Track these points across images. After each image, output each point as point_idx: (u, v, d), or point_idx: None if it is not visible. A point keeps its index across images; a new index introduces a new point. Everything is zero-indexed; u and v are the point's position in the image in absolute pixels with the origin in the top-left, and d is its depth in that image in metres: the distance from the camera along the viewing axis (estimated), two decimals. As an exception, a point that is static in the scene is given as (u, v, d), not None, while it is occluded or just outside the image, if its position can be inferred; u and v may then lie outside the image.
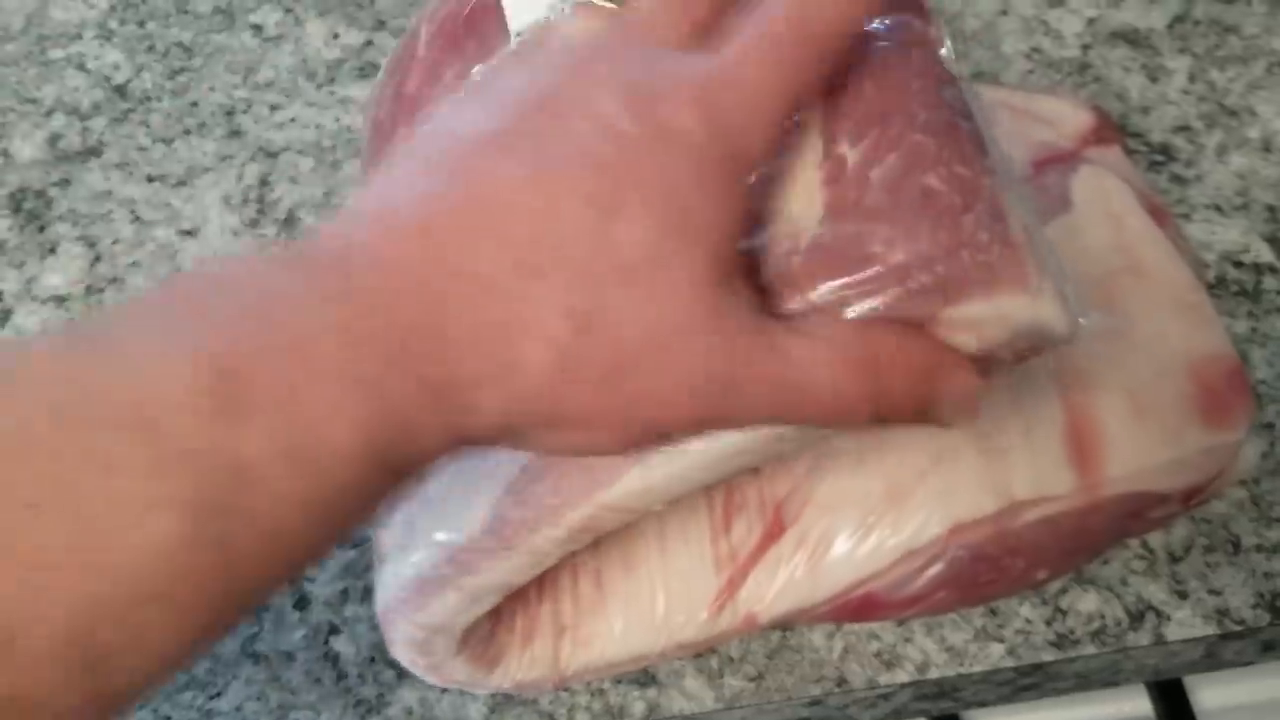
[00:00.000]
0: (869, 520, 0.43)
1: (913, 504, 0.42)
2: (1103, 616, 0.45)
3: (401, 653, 0.40)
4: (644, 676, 0.45)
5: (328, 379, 0.25)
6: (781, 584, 0.43)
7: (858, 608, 0.43)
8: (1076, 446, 0.43)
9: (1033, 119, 0.52)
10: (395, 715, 0.44)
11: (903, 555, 0.42)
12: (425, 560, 0.37)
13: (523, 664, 0.42)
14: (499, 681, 0.42)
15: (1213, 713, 0.54)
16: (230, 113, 0.61)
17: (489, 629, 0.41)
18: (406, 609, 0.38)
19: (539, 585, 0.43)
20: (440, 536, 0.36)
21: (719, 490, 0.44)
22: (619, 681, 0.45)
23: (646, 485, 0.33)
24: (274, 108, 0.61)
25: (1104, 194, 0.48)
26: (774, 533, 0.43)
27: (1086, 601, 0.45)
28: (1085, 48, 0.59)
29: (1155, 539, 0.46)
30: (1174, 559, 0.46)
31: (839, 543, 0.42)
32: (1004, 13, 0.61)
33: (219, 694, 0.45)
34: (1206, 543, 0.46)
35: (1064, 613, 0.45)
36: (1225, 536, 0.46)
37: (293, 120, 0.60)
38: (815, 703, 0.45)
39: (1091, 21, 0.60)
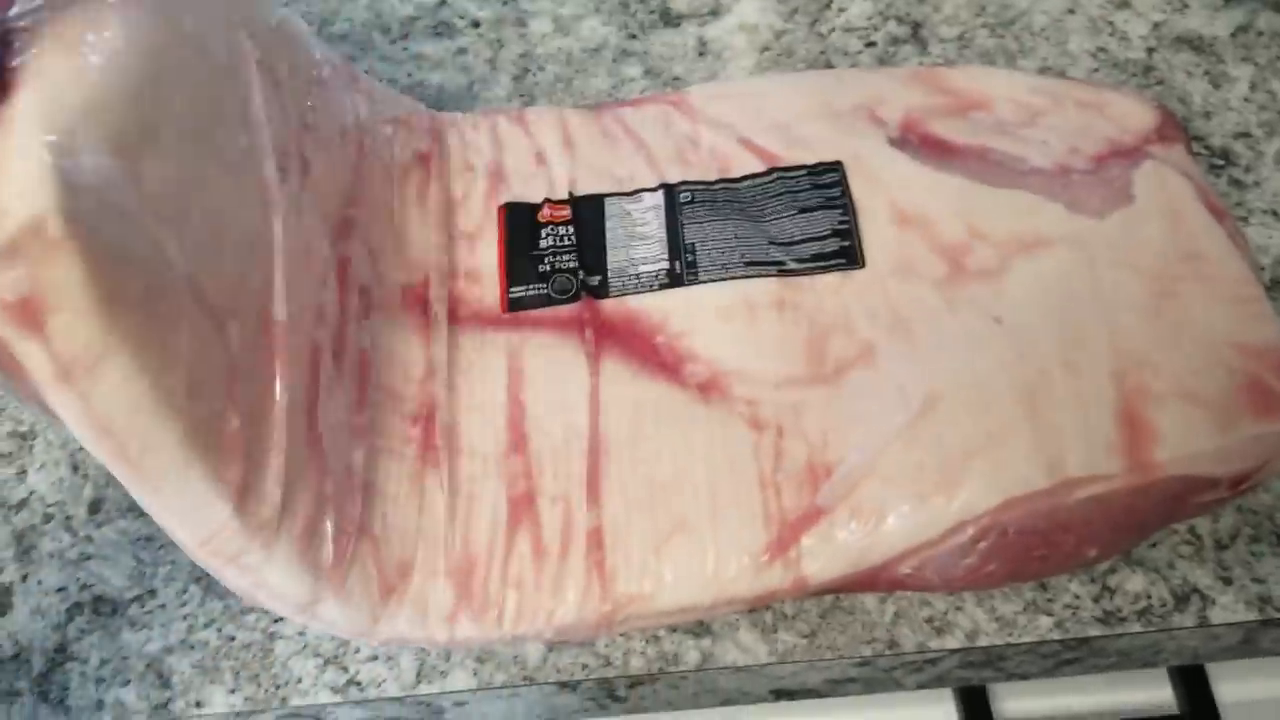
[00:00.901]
0: (922, 490, 0.44)
1: (966, 477, 0.43)
2: (1149, 597, 0.46)
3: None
4: (699, 627, 0.46)
5: None
6: (834, 549, 0.44)
7: (909, 578, 0.44)
8: (1129, 428, 0.44)
9: (1098, 113, 0.53)
10: (457, 658, 0.45)
11: (955, 525, 0.43)
12: None
13: (556, 614, 0.43)
14: (532, 630, 0.43)
15: (1234, 705, 0.55)
16: (307, 61, 0.62)
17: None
18: None
19: (565, 535, 0.44)
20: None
21: (767, 449, 0.45)
22: (674, 630, 0.46)
23: None
24: (348, 59, 0.62)
25: (1165, 189, 0.50)
26: (826, 499, 0.44)
27: (1134, 582, 0.46)
28: (1150, 50, 0.61)
29: (1202, 525, 0.48)
30: (1220, 546, 0.47)
31: (892, 512, 0.43)
32: (1072, 11, 0.62)
33: (283, 618, 0.46)
34: (1252, 532, 0.47)
35: (1112, 591, 0.46)
36: (1270, 528, 0.47)
37: (366, 72, 0.61)
38: (865, 663, 0.46)
39: (1157, 26, 0.61)
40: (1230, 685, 0.55)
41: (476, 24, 0.63)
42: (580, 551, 0.44)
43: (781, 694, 0.48)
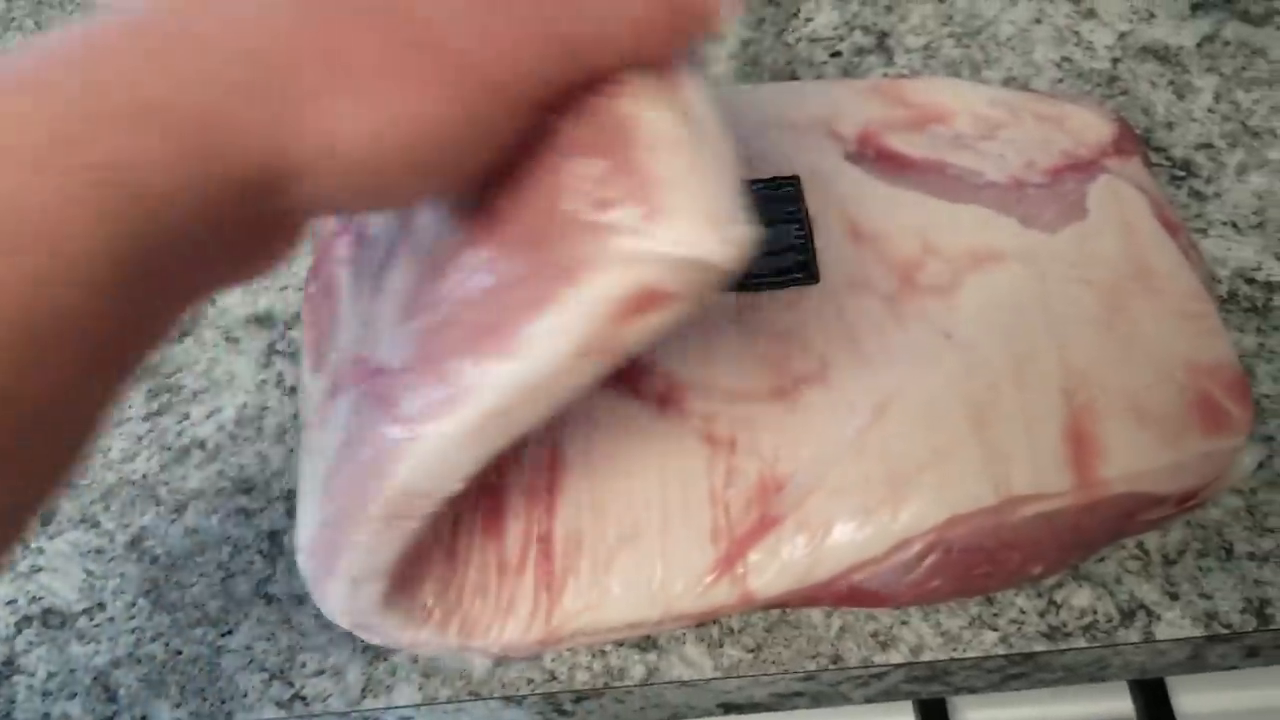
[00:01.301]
0: (869, 506, 0.44)
1: (912, 493, 0.43)
2: (1095, 612, 0.46)
3: (328, 605, 0.40)
4: (645, 641, 0.46)
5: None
6: (780, 565, 0.44)
7: (854, 593, 0.44)
8: (1076, 445, 0.44)
9: (1056, 126, 0.53)
10: (400, 661, 0.46)
11: (900, 542, 0.43)
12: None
13: (507, 629, 0.43)
14: (482, 644, 0.43)
15: (1193, 716, 0.55)
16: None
17: (445, 591, 0.43)
18: (321, 554, 0.38)
19: (523, 548, 0.44)
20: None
21: (719, 465, 0.45)
22: (620, 644, 0.46)
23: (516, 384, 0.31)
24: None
25: (1119, 203, 0.50)
26: (774, 514, 0.44)
27: (1080, 596, 0.46)
28: (1115, 61, 0.60)
29: (1150, 541, 0.48)
30: (1168, 561, 0.47)
31: (838, 527, 0.43)
32: (1038, 21, 0.62)
33: (230, 632, 0.46)
34: (1200, 547, 0.47)
35: (1058, 606, 0.46)
36: (1219, 543, 0.47)
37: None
38: (809, 678, 0.46)
39: (1123, 35, 0.61)
40: (1190, 696, 0.55)
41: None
42: (531, 567, 0.44)
43: (729, 708, 0.48)
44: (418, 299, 0.35)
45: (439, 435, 0.32)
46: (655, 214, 0.28)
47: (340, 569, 0.38)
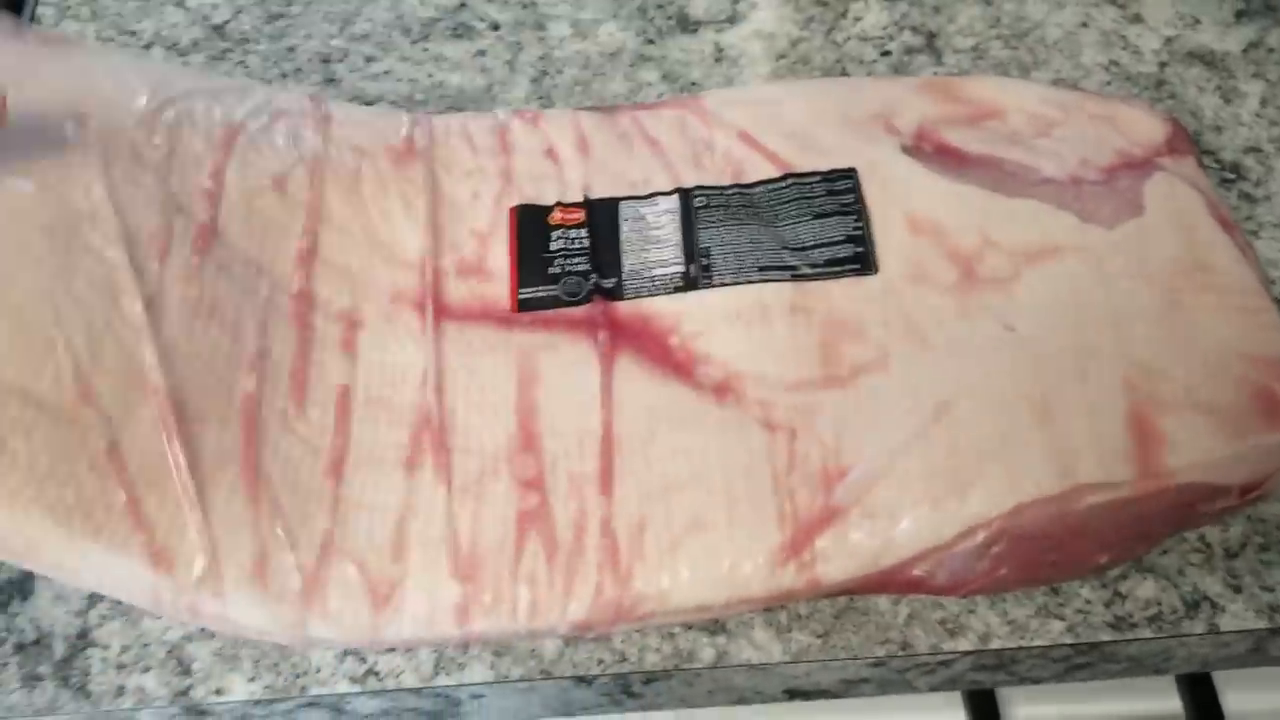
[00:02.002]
0: (936, 494, 0.44)
1: (979, 481, 0.44)
2: (1159, 603, 0.47)
3: None
4: (713, 625, 0.46)
5: None
6: (848, 551, 0.44)
7: (921, 581, 0.45)
8: (1139, 436, 0.45)
9: (1109, 125, 0.54)
10: (475, 651, 0.46)
11: (966, 530, 0.44)
12: None
13: (569, 610, 0.44)
14: (545, 626, 0.44)
15: (1240, 714, 0.55)
16: (326, 60, 0.63)
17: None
18: None
19: (577, 532, 0.45)
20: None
21: (781, 452, 0.46)
22: (689, 627, 0.46)
23: None
24: (369, 59, 0.63)
25: (1176, 200, 0.50)
26: (841, 503, 0.45)
27: (1145, 588, 0.47)
28: (1162, 65, 0.61)
29: (1212, 534, 0.48)
30: (1229, 554, 0.48)
31: (905, 515, 0.44)
32: (1085, 25, 0.63)
33: (301, 611, 0.47)
34: (1261, 541, 0.48)
35: (1123, 597, 0.47)
36: (1279, 537, 0.48)
37: (387, 73, 0.62)
38: (878, 664, 0.46)
39: (1169, 40, 0.62)
40: (1237, 694, 0.56)
41: (496, 26, 0.64)
42: (594, 548, 0.44)
43: (795, 693, 0.48)
44: None
45: None
46: None
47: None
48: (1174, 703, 0.56)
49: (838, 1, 0.65)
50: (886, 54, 0.63)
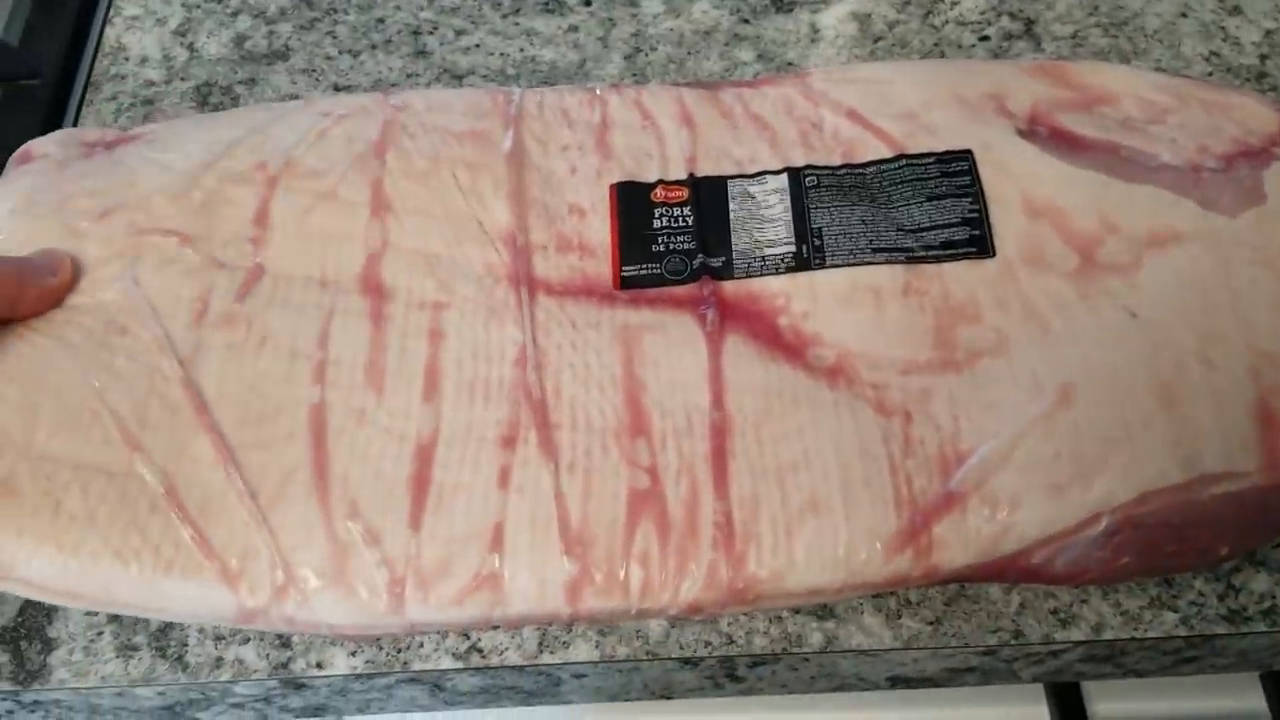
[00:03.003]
0: (1058, 481, 0.43)
1: (1102, 468, 0.43)
2: (1274, 597, 0.46)
3: None
4: (822, 609, 0.46)
5: None
6: (966, 538, 0.43)
7: (1040, 569, 0.44)
8: (1265, 426, 0.44)
9: (1223, 113, 0.53)
10: (579, 629, 0.45)
11: (1089, 517, 0.43)
12: None
13: (681, 591, 0.43)
14: (656, 606, 0.43)
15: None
16: (416, 32, 0.62)
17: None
18: None
19: (690, 513, 0.44)
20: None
21: (896, 436, 0.45)
22: (797, 611, 0.45)
23: None
24: (459, 32, 0.62)
25: (1297, 190, 0.50)
26: (960, 489, 0.44)
27: (1258, 581, 0.46)
28: (1263, 57, 0.60)
29: (1326, 529, 0.47)
30: (1343, 549, 0.47)
31: (1026, 502, 0.43)
32: (1184, 14, 0.62)
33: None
34: (1378, 537, 0.47)
35: (1237, 590, 0.46)
36: (1392, 533, 0.47)
37: (478, 46, 0.61)
38: (989, 652, 0.45)
39: (1269, 33, 0.61)
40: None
41: (588, 2, 0.63)
42: (708, 530, 0.44)
43: (898, 681, 0.48)
44: None
45: None
46: None
47: None
48: (1258, 701, 0.55)
49: (933, -15, 0.64)
50: (985, 39, 0.62)
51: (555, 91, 0.55)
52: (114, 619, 0.45)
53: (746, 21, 0.62)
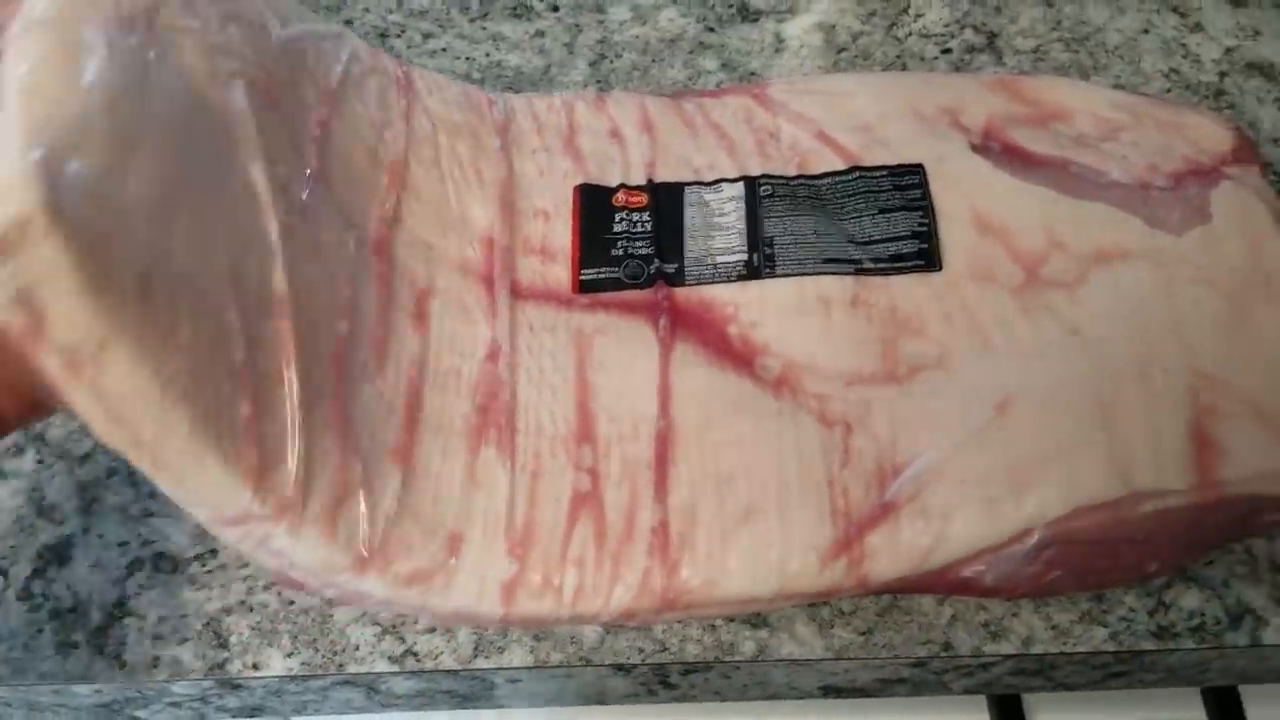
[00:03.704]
0: (991, 495, 0.44)
1: (1035, 483, 0.44)
2: (1203, 614, 0.46)
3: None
4: (755, 618, 0.46)
5: None
6: (898, 549, 0.44)
7: (970, 582, 0.44)
8: (1199, 445, 0.44)
9: (1176, 132, 0.53)
10: (514, 635, 0.46)
11: (1021, 532, 0.43)
12: None
13: (614, 597, 0.43)
14: (589, 611, 0.43)
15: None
16: (384, 35, 0.62)
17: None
18: None
19: (628, 519, 0.44)
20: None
21: (836, 447, 0.45)
22: (731, 620, 0.46)
23: None
24: (427, 36, 0.62)
25: (1243, 210, 0.50)
26: (894, 499, 0.44)
27: (1189, 598, 0.46)
28: (1222, 75, 0.61)
29: (1259, 546, 0.48)
30: (1275, 568, 0.47)
31: (959, 515, 0.44)
32: (1146, 31, 0.62)
33: (341, 585, 0.46)
34: (1310, 555, 0.47)
35: (1166, 606, 0.46)
36: (1329, 553, 0.47)
37: (444, 50, 0.62)
38: (918, 664, 0.46)
39: (1229, 51, 0.61)
40: (1263, 708, 0.55)
41: (555, 8, 0.63)
42: (645, 535, 0.44)
43: (830, 691, 0.48)
44: None
45: None
46: None
47: None
48: (1198, 714, 0.55)
49: (899, -3, 0.64)
50: (947, 51, 0.62)
51: (524, 97, 0.55)
52: (55, 615, 0.46)
53: (712, 30, 0.62)
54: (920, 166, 0.51)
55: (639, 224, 0.50)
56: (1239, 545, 0.48)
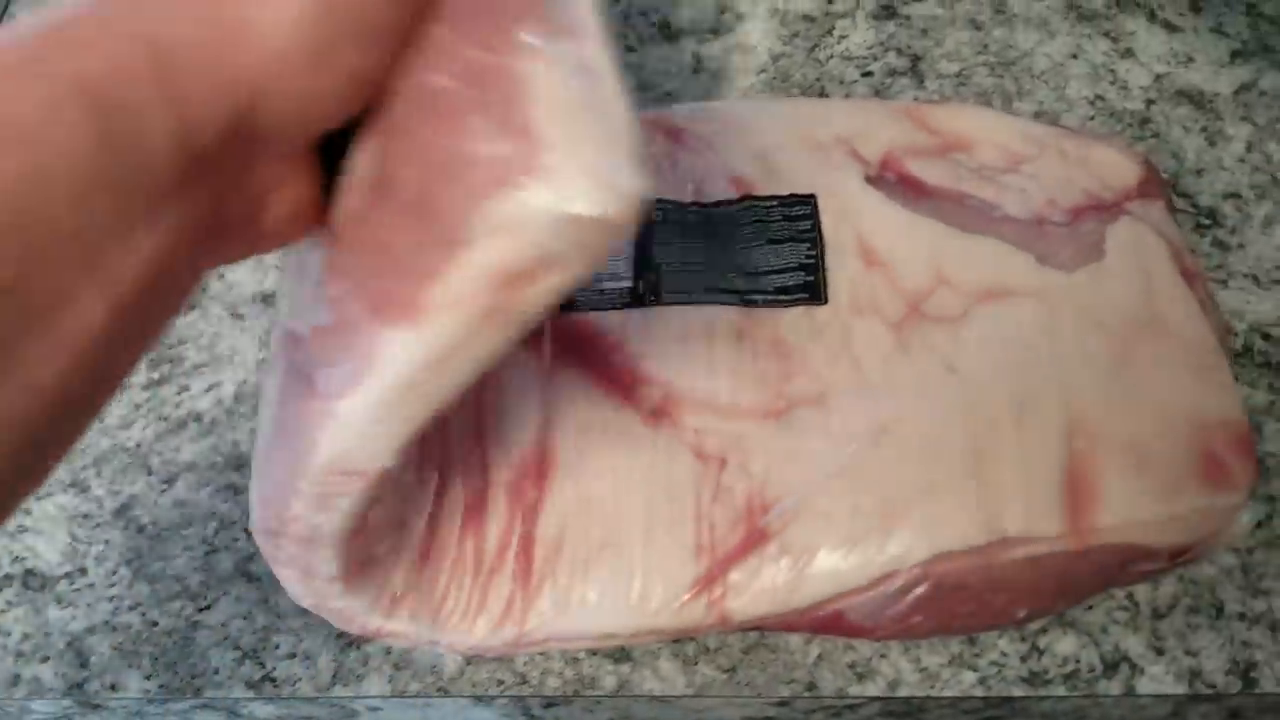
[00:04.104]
0: (856, 535, 0.43)
1: (902, 526, 0.43)
2: (1078, 660, 0.45)
3: (288, 585, 0.40)
4: (619, 652, 0.46)
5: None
6: (760, 587, 0.43)
7: (833, 622, 0.44)
8: (1072, 491, 0.43)
9: (1081, 165, 0.52)
10: (373, 651, 0.45)
11: (884, 575, 0.43)
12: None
13: (478, 626, 0.43)
14: (453, 639, 0.43)
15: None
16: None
17: (417, 582, 0.43)
18: (267, 532, 0.37)
19: (502, 547, 0.44)
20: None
21: (708, 481, 0.45)
22: (594, 653, 0.45)
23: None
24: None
25: (1138, 247, 0.49)
26: (758, 536, 0.44)
27: (1064, 643, 0.46)
28: (1149, 103, 0.60)
29: (1141, 592, 0.47)
30: (1157, 615, 0.46)
31: (823, 554, 0.43)
32: (1075, 56, 0.61)
33: (207, 607, 0.46)
34: (1191, 603, 0.46)
35: (1040, 651, 0.46)
36: (1210, 600, 0.46)
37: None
38: (783, 704, 0.45)
39: (1159, 78, 0.60)
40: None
41: (473, 23, 0.63)
42: (510, 565, 0.44)
43: (699, 727, 0.48)
44: (330, 267, 0.34)
45: (351, 410, 0.32)
46: (541, 173, 0.27)
47: (285, 547, 0.37)
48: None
49: (825, 18, 0.63)
50: (868, 74, 0.61)
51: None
52: (-73, 628, 0.46)
53: (631, 50, 0.62)
54: (812, 197, 0.50)
55: (526, 248, 0.50)
56: (1120, 591, 0.47)
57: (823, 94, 0.60)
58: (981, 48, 0.62)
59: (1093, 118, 0.59)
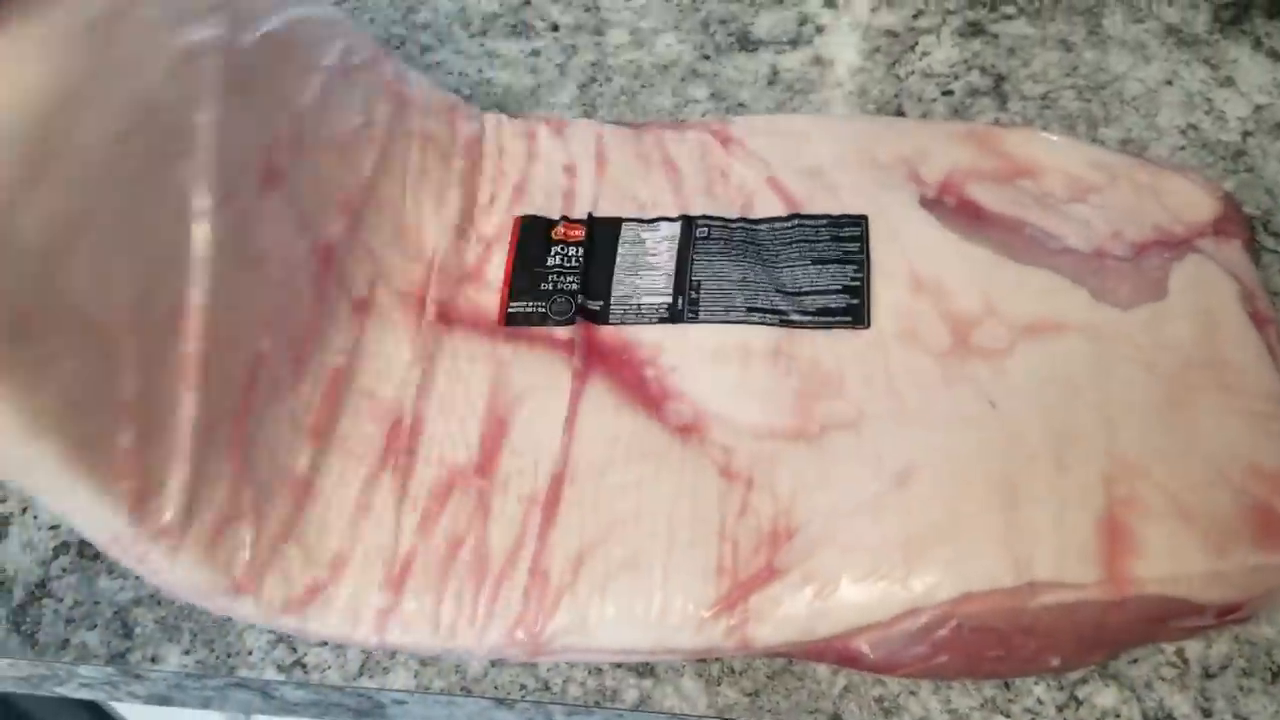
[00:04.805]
0: (881, 569, 0.42)
1: (928, 562, 0.42)
2: (1118, 715, 0.44)
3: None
4: (642, 666, 0.45)
5: None
6: (782, 615, 0.43)
7: (854, 657, 0.43)
8: (1110, 538, 0.42)
9: (1153, 197, 0.51)
10: (400, 658, 0.46)
11: (908, 611, 0.42)
12: None
13: (489, 633, 0.44)
14: (461, 645, 0.44)
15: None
16: (385, 42, 0.63)
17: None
18: None
19: (512, 555, 0.44)
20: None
21: (733, 501, 0.44)
22: (618, 666, 0.46)
23: None
24: (425, 49, 0.63)
25: (1204, 287, 0.47)
26: (782, 563, 0.43)
27: (1105, 696, 0.44)
28: (1246, 135, 0.57)
29: (1192, 649, 0.45)
30: (1207, 674, 0.44)
31: (846, 586, 0.42)
32: (1169, 83, 0.59)
33: (249, 590, 0.48)
34: (1245, 665, 0.44)
35: (1079, 702, 0.44)
36: (1266, 663, 0.44)
37: (439, 64, 0.63)
38: (802, 731, 0.45)
39: (1259, 109, 0.58)
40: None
41: (555, 27, 0.64)
42: (523, 575, 0.44)
43: (717, 747, 0.47)
44: None
45: None
46: None
47: None
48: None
49: (909, 34, 0.62)
50: (949, 94, 0.60)
51: (495, 118, 0.56)
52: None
53: (707, 58, 0.62)
54: (863, 218, 0.50)
55: (572, 259, 0.50)
56: (1171, 645, 0.45)
57: (899, 112, 0.59)
58: (1070, 70, 0.60)
59: (1183, 148, 0.57)
